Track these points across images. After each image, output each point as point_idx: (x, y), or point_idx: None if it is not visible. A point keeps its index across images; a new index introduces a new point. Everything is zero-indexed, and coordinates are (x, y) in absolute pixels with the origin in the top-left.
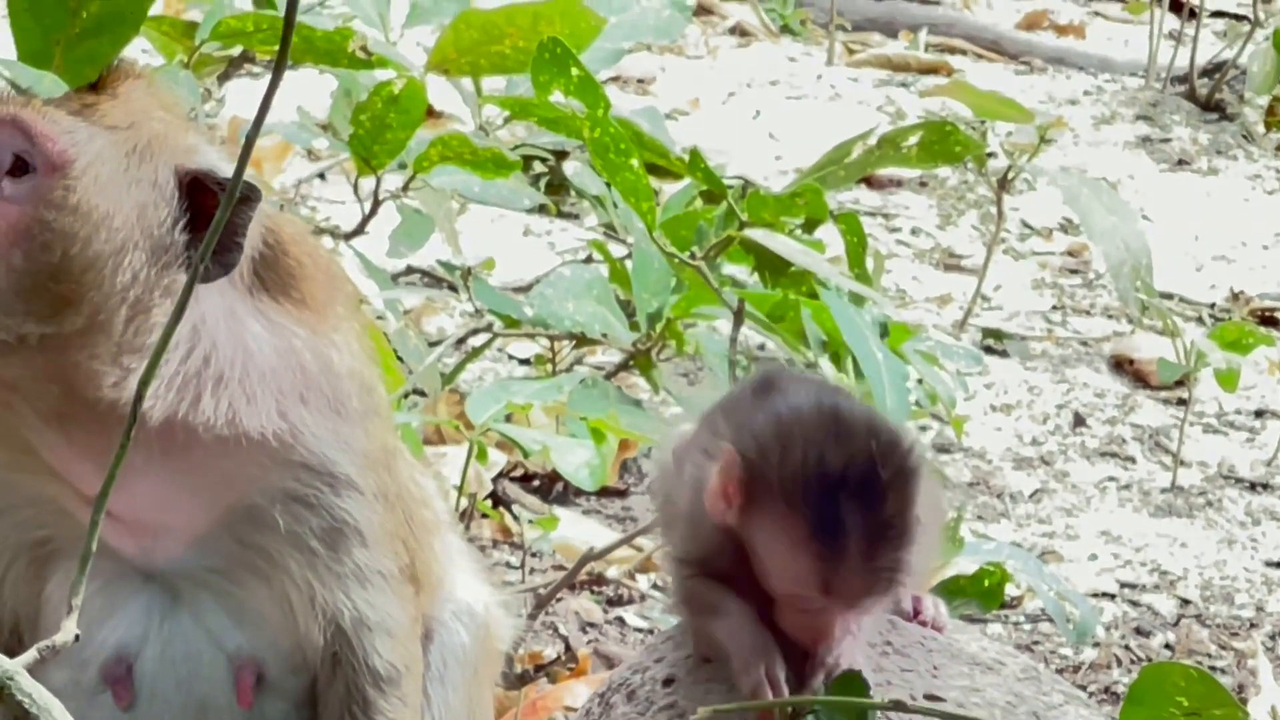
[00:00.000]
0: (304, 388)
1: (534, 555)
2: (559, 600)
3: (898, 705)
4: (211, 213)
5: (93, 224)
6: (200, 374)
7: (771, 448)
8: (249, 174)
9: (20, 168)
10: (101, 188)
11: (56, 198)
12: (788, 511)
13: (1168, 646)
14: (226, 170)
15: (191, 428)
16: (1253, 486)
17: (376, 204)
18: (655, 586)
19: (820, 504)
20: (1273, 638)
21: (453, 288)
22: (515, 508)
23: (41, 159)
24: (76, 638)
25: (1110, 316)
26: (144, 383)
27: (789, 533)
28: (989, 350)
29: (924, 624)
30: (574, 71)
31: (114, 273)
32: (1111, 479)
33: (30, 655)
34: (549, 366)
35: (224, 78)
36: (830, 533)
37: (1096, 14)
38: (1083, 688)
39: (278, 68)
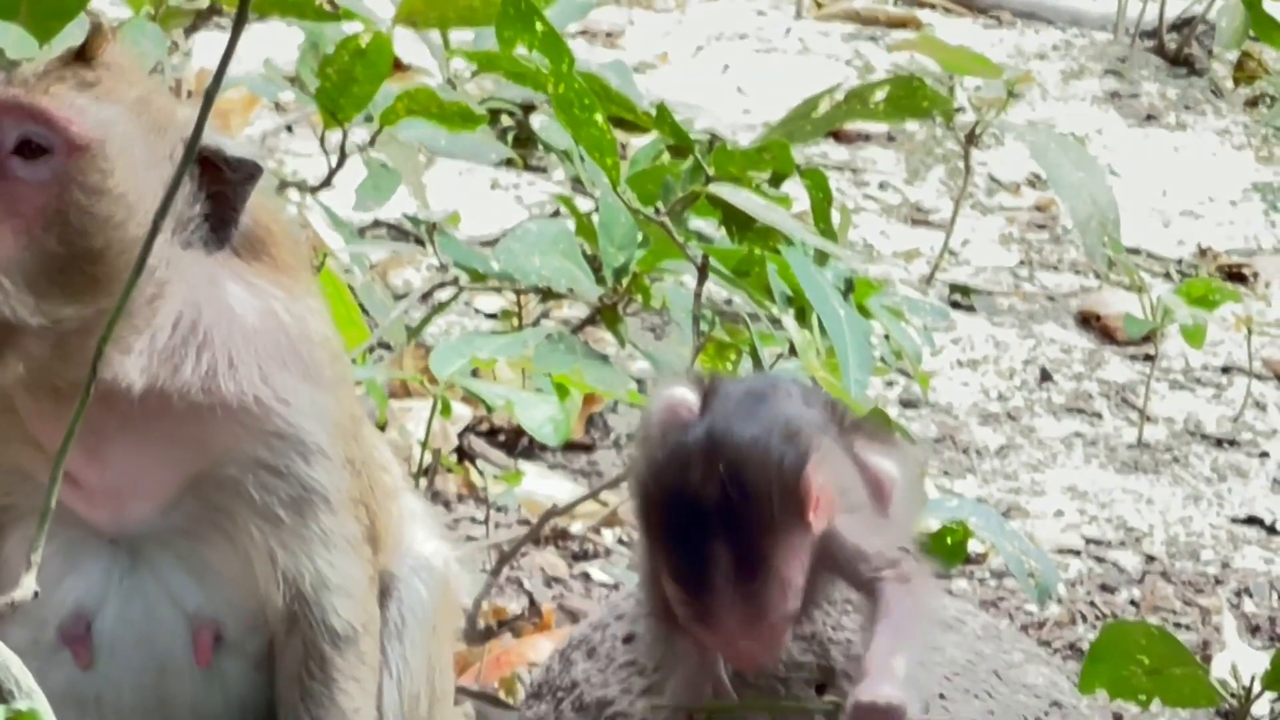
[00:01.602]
0: (285, 353)
1: (499, 510)
2: (523, 555)
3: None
4: (217, 189)
5: (128, 205)
6: (187, 341)
7: (650, 479)
8: (252, 151)
9: (27, 149)
10: (134, 168)
11: (92, 181)
12: (654, 546)
13: (1133, 603)
14: (234, 148)
15: (170, 394)
16: (1219, 443)
17: (343, 157)
18: (621, 541)
19: (673, 536)
20: (1238, 594)
21: (419, 241)
22: (480, 462)
23: (62, 141)
24: (36, 594)
25: (1077, 272)
26: (103, 340)
27: (660, 568)
28: (956, 305)
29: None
30: (538, 26)
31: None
32: (1078, 435)
33: None
34: (515, 321)
35: (191, 30)
36: (687, 568)
37: None
38: (1047, 644)
39: (238, 21)
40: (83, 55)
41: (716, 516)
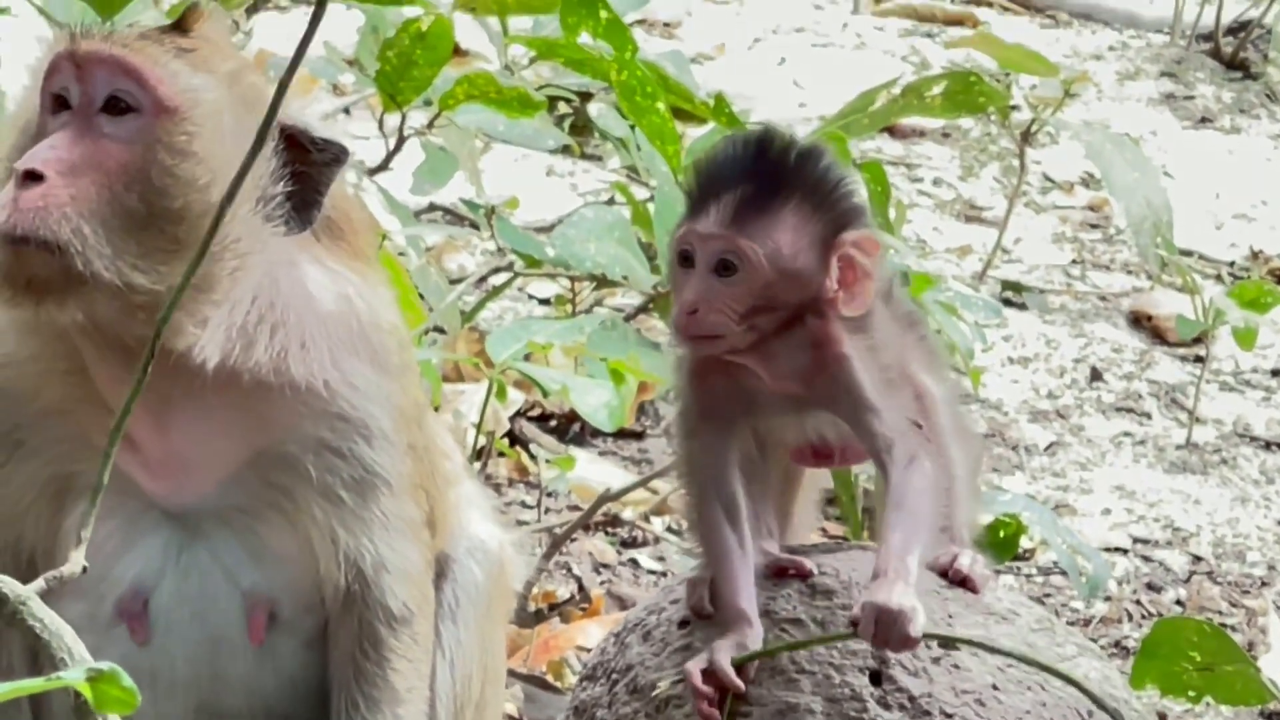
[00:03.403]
0: (356, 338)
1: (550, 495)
2: (573, 541)
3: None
4: (302, 169)
5: (211, 171)
6: (263, 319)
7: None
8: (340, 133)
9: (115, 106)
10: (221, 135)
11: (177, 143)
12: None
13: (1179, 603)
14: (322, 129)
15: (241, 371)
16: (1268, 445)
17: (401, 140)
18: (670, 529)
19: (707, 176)
20: None
21: (474, 226)
22: (532, 447)
23: (150, 101)
24: (85, 569)
25: (1129, 272)
26: (164, 320)
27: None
28: (1008, 303)
29: (959, 578)
30: (602, 14)
31: (229, 224)
32: (1127, 434)
33: (38, 584)
34: (569, 307)
35: (252, 10)
36: (708, 194)
37: None
38: (1093, 641)
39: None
40: (180, 26)
41: (758, 170)
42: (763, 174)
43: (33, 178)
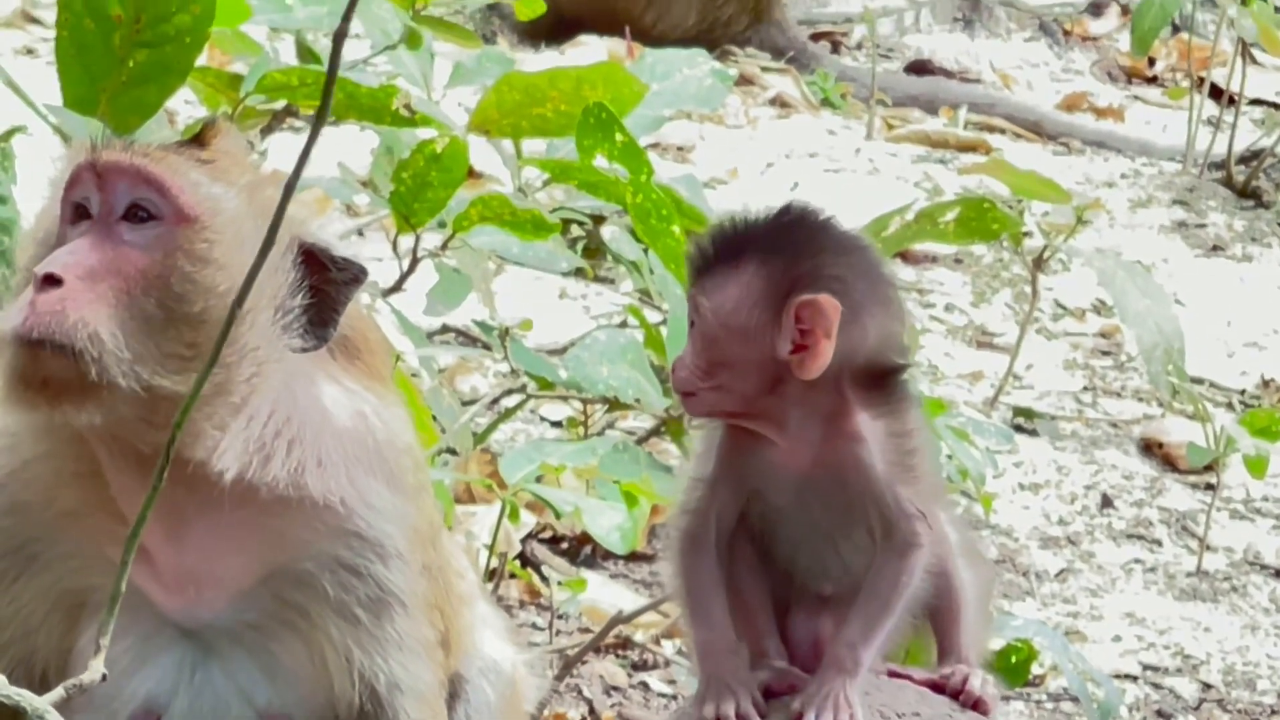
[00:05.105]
0: (372, 456)
1: (561, 617)
2: (584, 663)
3: None
4: (319, 284)
5: (229, 278)
6: (280, 434)
7: None
8: (359, 253)
9: (136, 214)
10: (241, 244)
11: (197, 251)
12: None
13: None
14: (342, 249)
15: (258, 485)
16: (1278, 574)
17: (415, 262)
18: (680, 652)
19: (711, 237)
20: None
21: (487, 348)
22: (544, 569)
23: (171, 209)
24: (104, 677)
25: (1141, 399)
26: (178, 425)
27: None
28: (1019, 429)
29: (970, 700)
30: (618, 137)
31: (247, 331)
32: (1137, 561)
33: (57, 693)
34: (581, 429)
35: (267, 131)
36: (710, 247)
37: (1136, 98)
38: None
39: (318, 119)
40: (199, 140)
41: (735, 231)
42: (736, 235)
43: (52, 282)
